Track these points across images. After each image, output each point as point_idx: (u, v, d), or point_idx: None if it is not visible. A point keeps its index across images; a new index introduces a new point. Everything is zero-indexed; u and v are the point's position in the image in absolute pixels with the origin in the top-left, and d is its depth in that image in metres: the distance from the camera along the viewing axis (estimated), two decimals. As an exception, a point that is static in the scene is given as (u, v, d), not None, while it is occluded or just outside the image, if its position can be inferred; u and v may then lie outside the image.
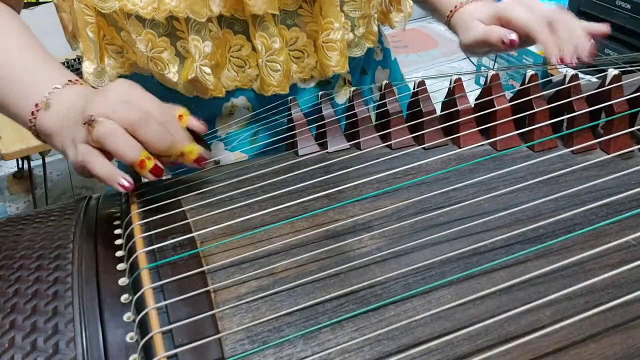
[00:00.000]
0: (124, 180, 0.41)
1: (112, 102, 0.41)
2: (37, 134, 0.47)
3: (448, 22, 0.68)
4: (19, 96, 0.47)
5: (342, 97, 0.64)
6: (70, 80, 0.47)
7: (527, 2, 0.57)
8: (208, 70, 0.54)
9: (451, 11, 0.66)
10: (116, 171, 0.41)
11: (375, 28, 0.62)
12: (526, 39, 0.58)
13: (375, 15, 0.61)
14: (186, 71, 0.54)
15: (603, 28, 0.58)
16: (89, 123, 0.40)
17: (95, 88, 0.60)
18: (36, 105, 0.45)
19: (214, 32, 0.53)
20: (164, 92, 0.58)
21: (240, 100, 0.60)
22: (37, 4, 1.97)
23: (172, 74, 0.54)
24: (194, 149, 0.43)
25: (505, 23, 0.59)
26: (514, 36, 0.57)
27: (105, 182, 0.41)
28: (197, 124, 0.45)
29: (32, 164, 2.00)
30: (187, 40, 0.52)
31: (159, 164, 0.41)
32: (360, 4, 0.57)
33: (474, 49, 0.63)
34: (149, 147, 0.41)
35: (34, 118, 0.46)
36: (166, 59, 0.54)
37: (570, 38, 0.55)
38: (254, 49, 0.55)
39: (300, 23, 0.56)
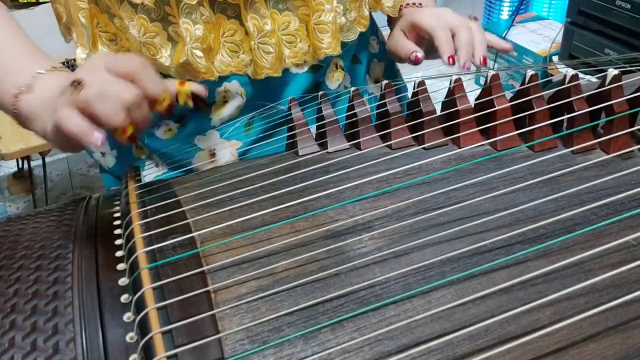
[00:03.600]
0: (99, 134, 0.40)
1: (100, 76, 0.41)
2: (20, 118, 0.46)
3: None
4: (1, 80, 0.47)
5: (333, 82, 0.65)
6: (54, 67, 0.47)
7: (438, 12, 0.62)
8: (199, 53, 0.54)
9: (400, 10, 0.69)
10: (90, 126, 0.40)
11: (367, 12, 0.63)
12: (432, 49, 0.61)
13: (366, 0, 0.62)
14: (178, 54, 0.54)
15: (504, 45, 0.63)
16: (76, 85, 0.40)
17: None
18: (19, 88, 0.45)
19: (206, 16, 0.53)
20: None
21: (233, 85, 0.60)
22: (37, 4, 1.97)
23: (164, 58, 0.55)
24: (166, 97, 0.44)
25: (416, 28, 0.63)
26: (420, 55, 0.61)
27: (79, 140, 0.40)
28: (199, 88, 0.46)
29: (32, 164, 2.00)
30: (179, 24, 0.53)
31: (136, 133, 0.42)
32: None
33: (395, 57, 0.67)
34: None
35: (17, 101, 0.45)
36: (158, 44, 0.55)
37: (467, 43, 0.59)
38: (247, 33, 0.56)
39: (292, 7, 0.57)
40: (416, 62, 0.61)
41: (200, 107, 0.48)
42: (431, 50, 0.62)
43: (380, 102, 0.52)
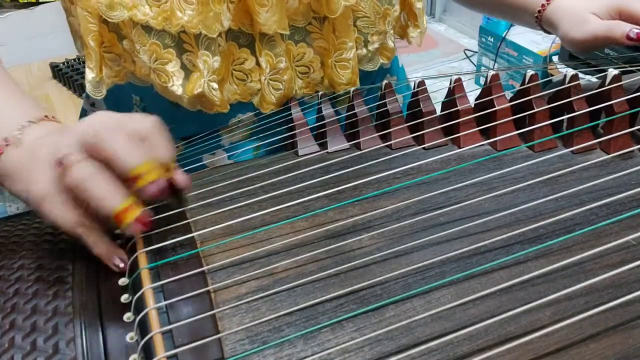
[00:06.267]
0: (121, 262, 0.37)
1: (82, 134, 0.36)
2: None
3: (539, 18, 0.66)
4: None
5: (344, 106, 0.64)
6: (45, 116, 0.43)
7: None
8: (215, 85, 0.52)
9: (543, 5, 0.65)
10: (111, 250, 0.38)
11: (391, 44, 0.60)
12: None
13: (392, 32, 0.60)
14: (192, 85, 0.52)
15: None
16: (60, 165, 0.36)
17: (91, 98, 0.58)
18: (6, 139, 0.40)
19: (222, 46, 0.51)
20: (165, 104, 0.57)
21: (247, 117, 0.59)
22: (37, 4, 1.97)
23: (176, 86, 0.52)
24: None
25: (626, 17, 0.58)
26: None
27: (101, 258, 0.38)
28: (182, 179, 0.39)
29: (32, 164, 2.00)
30: (196, 55, 0.51)
31: (144, 216, 0.36)
32: (375, 21, 0.56)
33: (590, 44, 0.61)
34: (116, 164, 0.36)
35: (1, 154, 0.40)
36: (170, 71, 0.52)
37: None
38: (257, 63, 0.54)
39: (309, 39, 0.55)
40: (639, 39, 0.56)
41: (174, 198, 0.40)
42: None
43: (380, 102, 0.52)
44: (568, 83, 0.49)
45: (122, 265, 0.37)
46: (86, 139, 0.36)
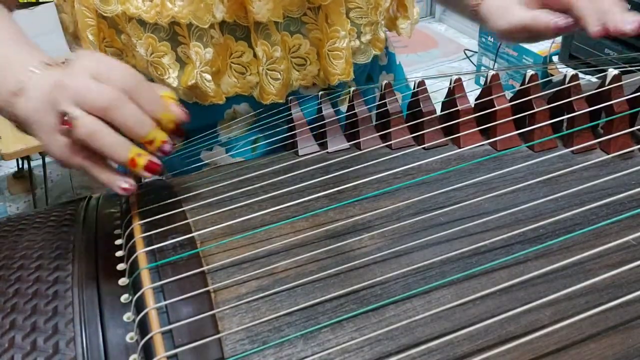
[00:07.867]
0: (125, 183, 0.39)
1: (80, 85, 0.38)
2: (17, 122, 0.43)
3: (475, 12, 0.65)
4: None
5: (345, 105, 0.64)
6: (48, 63, 0.43)
7: None
8: (208, 76, 0.53)
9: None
10: (116, 175, 0.39)
11: (383, 35, 0.61)
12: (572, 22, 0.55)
13: (383, 22, 0.60)
14: (186, 77, 0.53)
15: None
16: (65, 122, 0.37)
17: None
18: (11, 92, 0.42)
19: (216, 38, 0.52)
20: None
21: (242, 107, 0.59)
22: (37, 4, 1.97)
23: (172, 79, 0.54)
24: (157, 136, 0.39)
25: (550, 2, 0.57)
26: (563, 22, 0.54)
27: (105, 186, 0.39)
28: (180, 112, 0.41)
29: (32, 164, 2.00)
30: (189, 46, 0.51)
31: (155, 160, 0.39)
32: (367, 11, 0.57)
33: (515, 35, 0.60)
34: (127, 134, 0.38)
35: (12, 106, 0.42)
36: (166, 64, 0.53)
37: (612, 9, 0.51)
38: (255, 55, 0.55)
39: (304, 30, 0.55)
40: (560, 29, 0.54)
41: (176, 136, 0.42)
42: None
43: (380, 102, 0.52)
44: (568, 83, 0.49)
45: (126, 186, 0.39)
46: (93, 105, 0.37)
